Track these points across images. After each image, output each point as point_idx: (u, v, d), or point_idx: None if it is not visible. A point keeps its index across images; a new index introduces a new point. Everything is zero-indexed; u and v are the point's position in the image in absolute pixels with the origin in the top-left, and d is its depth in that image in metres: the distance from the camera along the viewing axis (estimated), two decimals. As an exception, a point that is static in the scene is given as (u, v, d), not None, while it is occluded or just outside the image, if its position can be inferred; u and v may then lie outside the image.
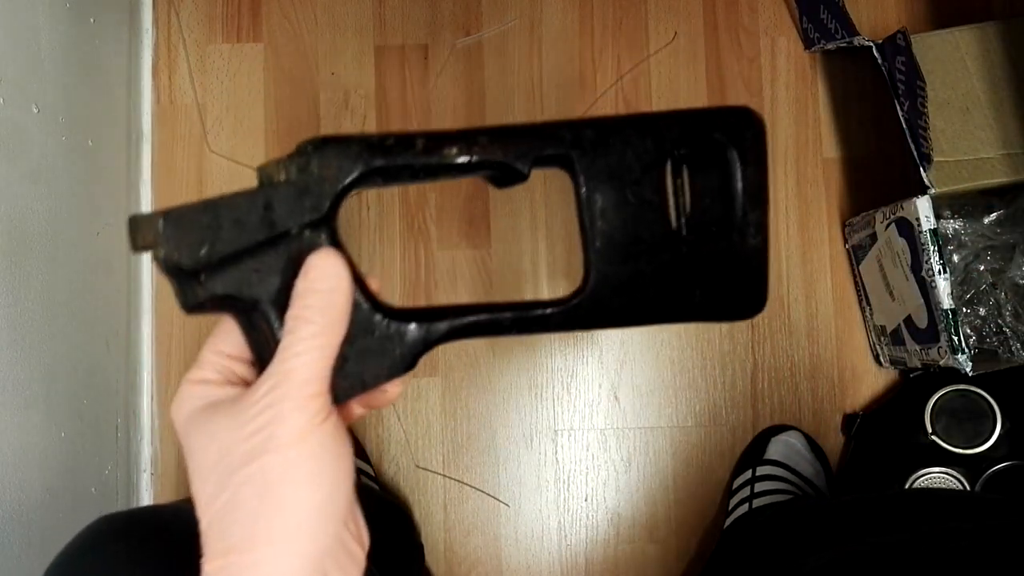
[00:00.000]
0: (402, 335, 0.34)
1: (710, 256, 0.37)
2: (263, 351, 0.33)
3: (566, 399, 0.98)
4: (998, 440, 0.85)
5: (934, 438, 0.86)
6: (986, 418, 0.86)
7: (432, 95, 1.02)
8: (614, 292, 0.37)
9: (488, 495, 0.97)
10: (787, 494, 0.88)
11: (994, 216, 0.87)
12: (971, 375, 0.78)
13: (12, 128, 0.71)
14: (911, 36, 0.84)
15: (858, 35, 0.89)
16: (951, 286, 0.78)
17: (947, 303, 0.77)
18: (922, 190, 0.80)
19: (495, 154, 0.35)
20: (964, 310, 0.87)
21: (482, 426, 0.98)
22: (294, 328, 0.32)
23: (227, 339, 0.34)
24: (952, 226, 0.87)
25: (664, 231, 0.37)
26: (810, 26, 0.98)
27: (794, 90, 1.01)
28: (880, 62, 0.85)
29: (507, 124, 0.36)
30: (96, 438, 0.84)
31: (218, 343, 0.35)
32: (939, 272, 0.78)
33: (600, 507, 0.97)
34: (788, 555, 0.70)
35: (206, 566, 0.31)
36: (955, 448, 0.86)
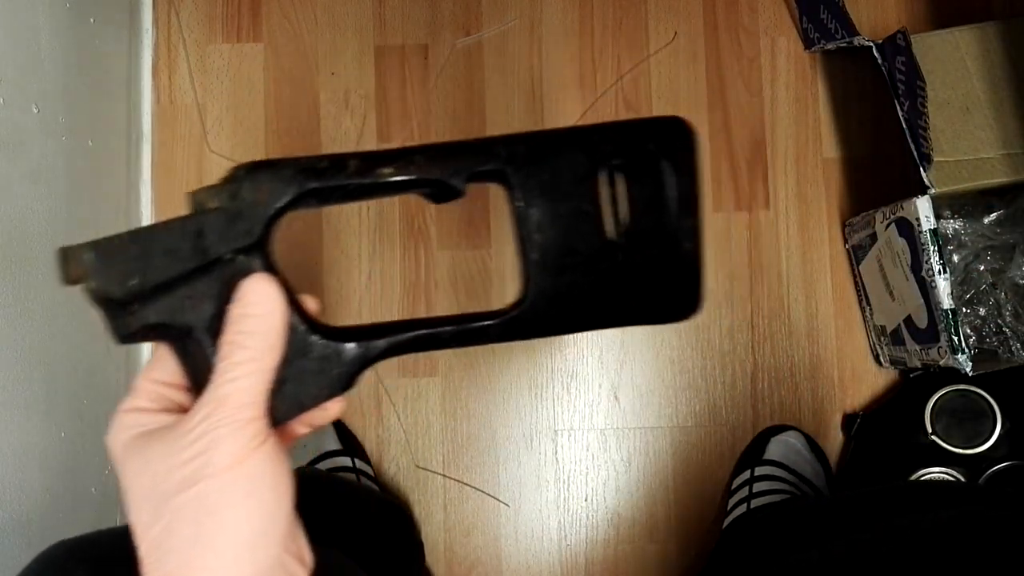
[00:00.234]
0: (340, 355, 0.35)
1: (646, 263, 0.39)
2: (199, 378, 0.33)
3: (566, 399, 0.98)
4: (998, 440, 0.85)
5: (934, 438, 0.86)
6: (986, 418, 0.86)
7: (432, 95, 1.02)
8: (552, 302, 0.37)
9: (488, 495, 0.97)
10: (786, 494, 0.88)
11: (994, 216, 0.87)
12: (971, 375, 0.78)
13: (12, 128, 0.71)
14: (911, 36, 0.84)
15: (858, 35, 0.89)
16: (951, 286, 0.78)
17: (947, 303, 0.77)
18: (922, 190, 0.80)
19: (430, 172, 0.35)
20: (964, 310, 0.87)
21: (482, 426, 0.98)
22: (228, 354, 0.32)
23: (162, 367, 0.34)
24: (952, 226, 0.87)
25: (600, 241, 0.38)
26: (810, 26, 0.98)
27: (794, 90, 1.01)
28: (880, 62, 0.85)
29: (442, 142, 0.37)
30: (96, 438, 0.84)
31: (153, 371, 0.34)
32: (939, 272, 0.78)
33: (600, 507, 0.97)
34: (779, 553, 0.70)
35: None
36: (955, 448, 0.86)
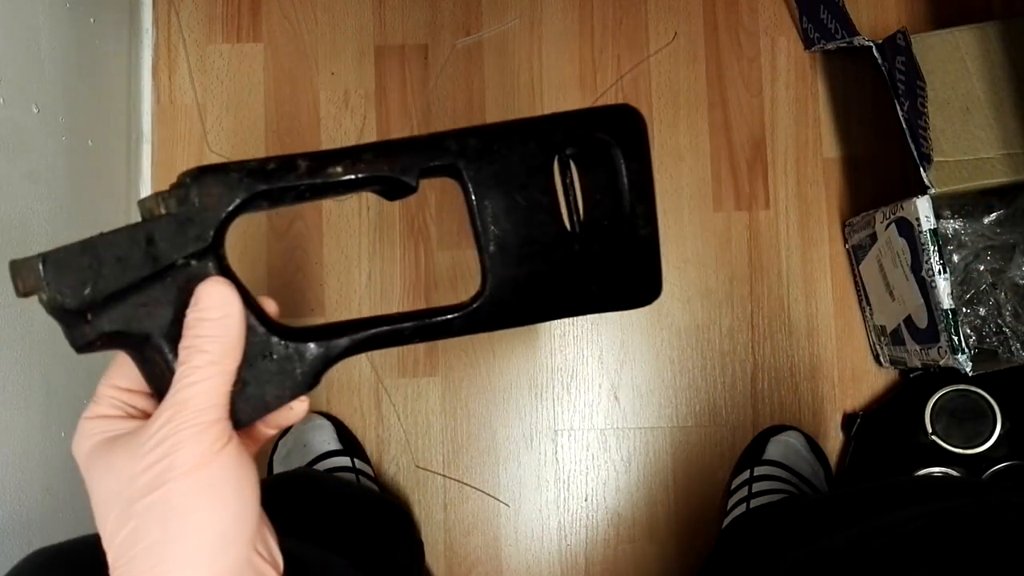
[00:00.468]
0: (302, 354, 0.35)
1: (604, 250, 0.39)
2: (159, 383, 0.33)
3: (566, 399, 0.98)
4: (998, 440, 0.85)
5: (934, 438, 0.86)
6: (986, 418, 0.86)
7: (432, 95, 1.02)
8: (512, 293, 0.38)
9: (488, 495, 0.97)
10: (785, 494, 0.88)
11: (994, 216, 0.87)
12: (971, 375, 0.78)
13: (12, 128, 0.71)
14: (911, 36, 0.84)
15: (858, 35, 0.89)
16: (951, 286, 0.78)
17: (947, 303, 0.77)
18: (922, 190, 0.80)
19: (381, 169, 0.35)
20: (964, 310, 0.87)
21: (482, 426, 0.98)
22: (187, 358, 0.32)
23: (122, 373, 0.34)
24: (952, 226, 0.87)
25: (557, 230, 0.38)
26: (810, 26, 0.98)
27: (794, 90, 1.01)
28: (880, 62, 0.85)
29: (392, 139, 0.37)
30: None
31: (113, 378, 0.35)
32: (939, 272, 0.78)
33: (600, 507, 0.97)
34: (778, 551, 0.70)
35: None
36: (955, 448, 0.86)
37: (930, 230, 0.78)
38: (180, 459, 0.30)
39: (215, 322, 0.32)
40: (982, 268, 0.87)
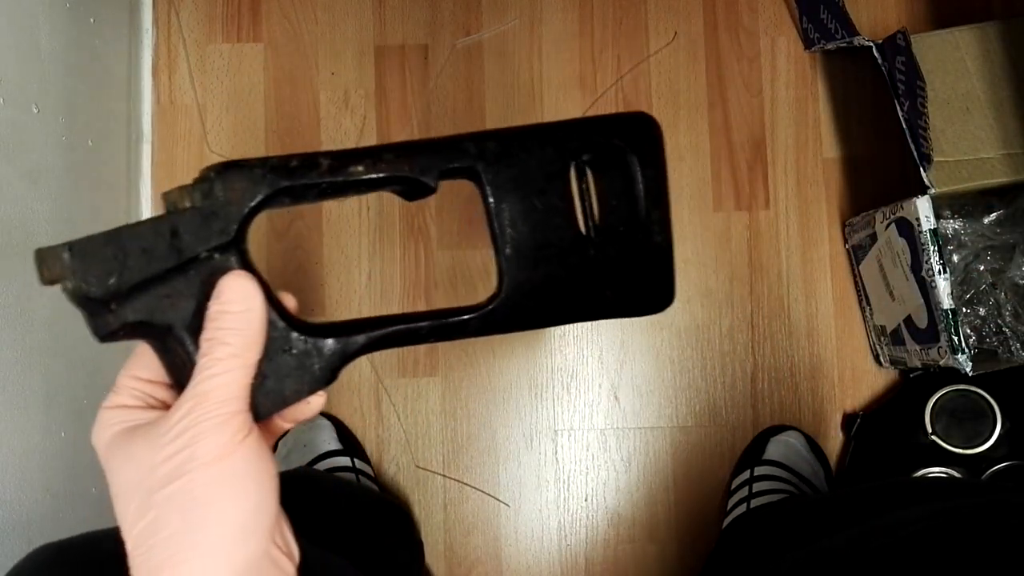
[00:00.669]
0: (320, 350, 0.35)
1: (618, 256, 0.39)
2: (180, 374, 0.34)
3: (566, 399, 0.98)
4: (998, 440, 0.85)
5: (934, 438, 0.86)
6: (986, 418, 0.86)
7: (432, 95, 1.02)
8: (527, 296, 0.38)
9: (488, 495, 0.97)
10: (785, 494, 0.88)
11: (994, 216, 0.87)
12: (971, 375, 0.78)
13: (12, 128, 0.71)
14: (911, 36, 0.84)
15: (858, 35, 0.89)
16: (951, 286, 0.78)
17: (947, 303, 0.77)
18: (922, 190, 0.80)
19: (401, 169, 0.36)
20: (964, 310, 0.87)
21: (482, 426, 0.98)
22: (209, 350, 0.32)
23: (143, 364, 0.35)
24: (952, 226, 0.87)
25: (572, 235, 0.38)
26: (810, 26, 0.98)
27: (794, 90, 1.01)
28: (880, 62, 0.85)
29: (413, 140, 0.37)
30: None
31: (134, 368, 0.35)
32: (939, 272, 0.78)
33: (600, 507, 0.97)
34: (775, 552, 0.70)
35: None
36: (955, 448, 0.86)
37: (930, 230, 0.78)
38: (201, 450, 0.30)
39: (237, 315, 0.33)
40: (982, 268, 0.87)
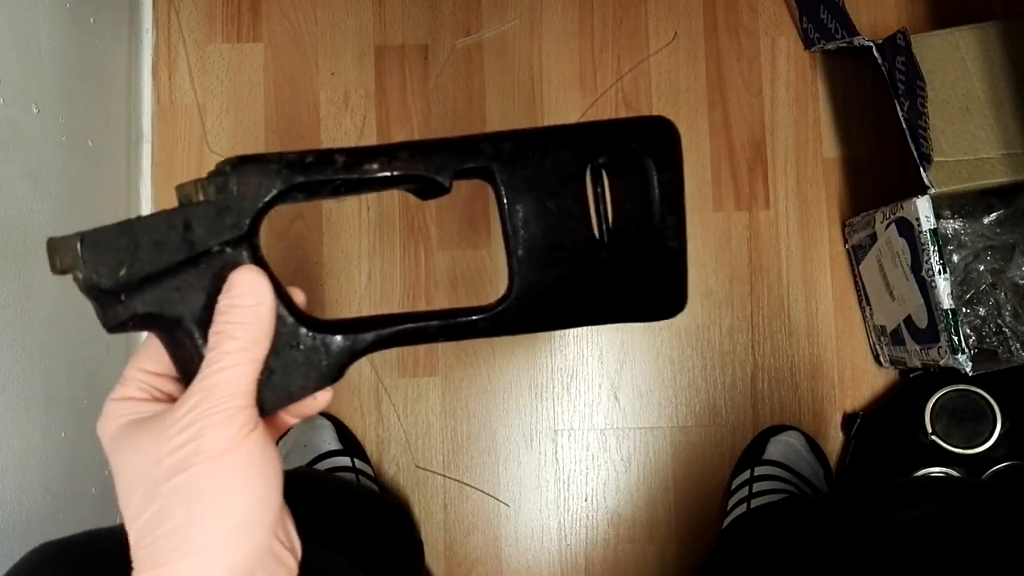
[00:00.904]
0: (328, 347, 0.35)
1: (631, 260, 0.39)
2: (188, 367, 0.34)
3: (566, 399, 0.98)
4: (998, 440, 0.85)
5: (934, 438, 0.86)
6: (986, 418, 0.86)
7: (432, 95, 1.02)
8: (538, 298, 0.38)
9: (488, 495, 0.97)
10: (785, 494, 0.88)
11: (994, 216, 0.87)
12: (971, 375, 0.78)
13: (12, 128, 0.71)
14: (911, 36, 0.84)
15: (858, 35, 0.89)
16: (951, 286, 0.78)
17: (947, 303, 0.77)
18: (922, 190, 0.80)
19: (416, 168, 0.36)
20: (964, 310, 0.87)
21: (482, 426, 0.98)
22: (217, 344, 0.32)
23: (150, 357, 0.35)
24: (952, 226, 0.87)
25: (586, 238, 0.38)
26: (810, 26, 0.98)
27: (794, 90, 1.01)
28: (880, 62, 0.85)
29: (428, 139, 0.37)
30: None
31: (141, 361, 0.35)
32: (939, 272, 0.78)
33: (600, 507, 0.97)
34: (775, 552, 0.70)
35: None
36: (955, 448, 0.86)
37: (930, 230, 0.78)
38: (207, 443, 0.30)
39: (247, 309, 0.33)
40: (982, 268, 0.87)
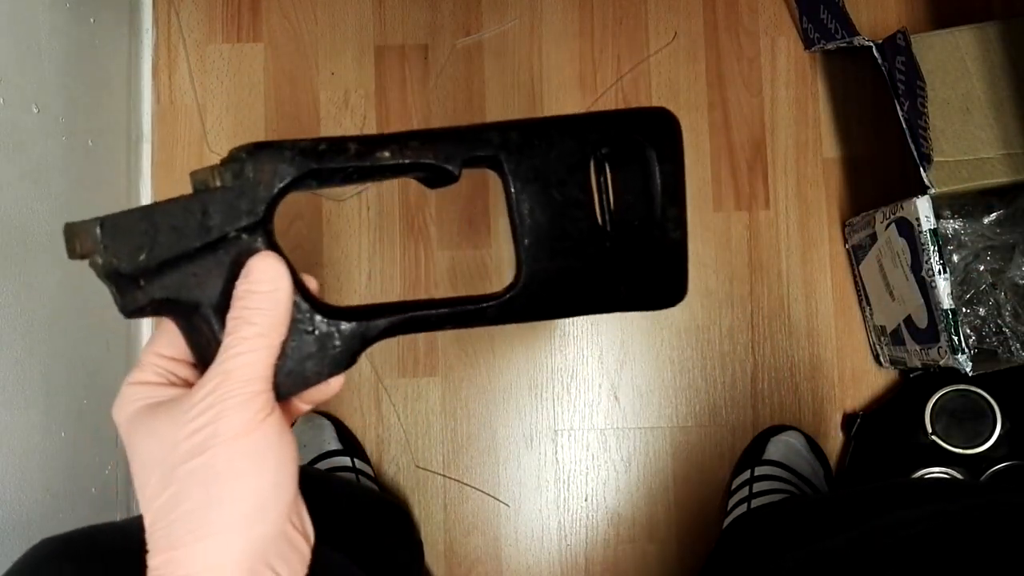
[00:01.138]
0: (341, 333, 0.35)
1: (633, 250, 0.40)
2: (204, 352, 0.34)
3: (566, 399, 0.98)
4: (998, 440, 0.85)
5: (934, 438, 0.86)
6: (986, 418, 0.86)
7: (432, 95, 1.02)
8: (544, 286, 0.38)
9: (488, 495, 0.97)
10: (785, 494, 0.88)
11: (994, 216, 0.87)
12: (971, 375, 0.78)
13: (12, 128, 0.71)
14: (911, 36, 0.84)
15: (858, 35, 0.89)
16: (951, 286, 0.78)
17: (947, 303, 0.77)
18: (922, 190, 0.80)
19: (426, 156, 0.36)
20: (964, 310, 0.87)
21: (482, 426, 0.98)
22: (235, 329, 0.32)
23: (167, 341, 0.35)
24: (952, 226, 0.87)
25: (590, 227, 0.39)
26: (810, 26, 0.98)
27: (794, 90, 1.01)
28: (880, 62, 0.85)
29: (437, 128, 0.37)
30: (96, 438, 0.84)
31: (158, 346, 0.35)
32: (939, 272, 0.78)
33: (600, 507, 0.97)
34: (776, 552, 0.70)
35: (151, 561, 0.31)
36: (955, 448, 0.86)
37: (930, 230, 0.78)
38: (224, 426, 0.31)
39: (264, 295, 0.33)
40: (982, 268, 0.87)
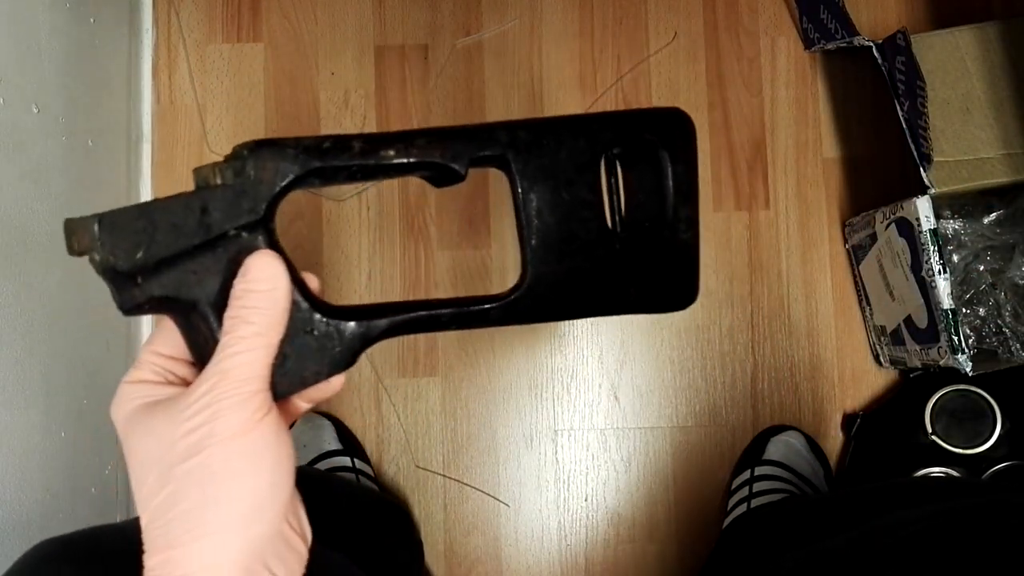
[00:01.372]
0: (341, 333, 0.35)
1: (644, 251, 0.39)
2: (202, 351, 0.34)
3: (566, 399, 0.98)
4: (998, 440, 0.85)
5: (934, 438, 0.86)
6: (986, 418, 0.86)
7: (432, 95, 1.02)
8: (551, 288, 0.38)
9: (488, 495, 0.97)
10: (785, 494, 0.88)
11: (994, 216, 0.87)
12: (971, 375, 0.78)
13: (12, 128, 0.71)
14: (911, 36, 0.84)
15: (858, 35, 0.89)
16: (951, 286, 0.78)
17: (947, 303, 0.77)
18: (922, 190, 0.80)
19: (432, 155, 0.36)
20: (964, 310, 0.87)
21: (482, 426, 0.98)
22: (232, 328, 0.32)
23: (165, 340, 0.35)
24: (952, 226, 0.87)
25: (599, 228, 0.38)
26: (810, 26, 0.98)
27: (794, 90, 1.01)
28: (880, 62, 0.85)
29: (444, 126, 0.37)
30: (96, 438, 0.84)
31: (156, 344, 0.35)
32: (939, 272, 0.78)
33: (600, 507, 0.97)
34: (776, 552, 0.70)
35: (148, 560, 0.31)
36: (955, 448, 0.86)
37: (930, 230, 0.78)
38: (221, 426, 0.31)
39: (262, 294, 0.33)
40: (982, 268, 0.87)
